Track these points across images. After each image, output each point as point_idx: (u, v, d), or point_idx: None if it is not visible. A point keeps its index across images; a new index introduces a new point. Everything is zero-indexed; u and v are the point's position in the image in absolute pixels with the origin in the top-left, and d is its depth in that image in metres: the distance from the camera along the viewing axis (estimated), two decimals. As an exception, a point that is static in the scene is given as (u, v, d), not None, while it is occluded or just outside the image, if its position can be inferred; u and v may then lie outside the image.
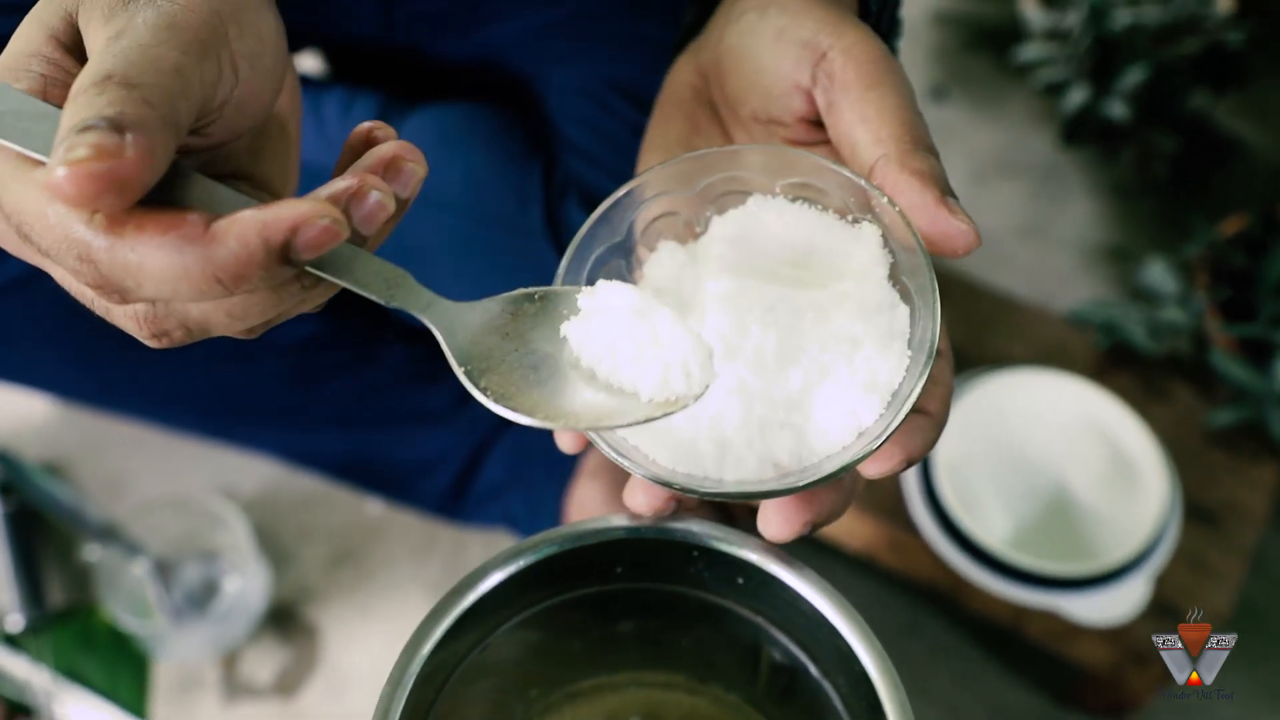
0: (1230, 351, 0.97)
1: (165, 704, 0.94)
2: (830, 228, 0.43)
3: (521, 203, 0.78)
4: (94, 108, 0.31)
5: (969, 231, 0.40)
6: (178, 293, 0.32)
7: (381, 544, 1.04)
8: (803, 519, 0.42)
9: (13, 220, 0.34)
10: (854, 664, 0.43)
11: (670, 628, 0.52)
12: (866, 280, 0.41)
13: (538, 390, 0.37)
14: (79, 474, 1.06)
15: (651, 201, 0.45)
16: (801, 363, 0.40)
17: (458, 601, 0.43)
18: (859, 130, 0.42)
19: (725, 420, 0.40)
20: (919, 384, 0.38)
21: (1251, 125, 1.34)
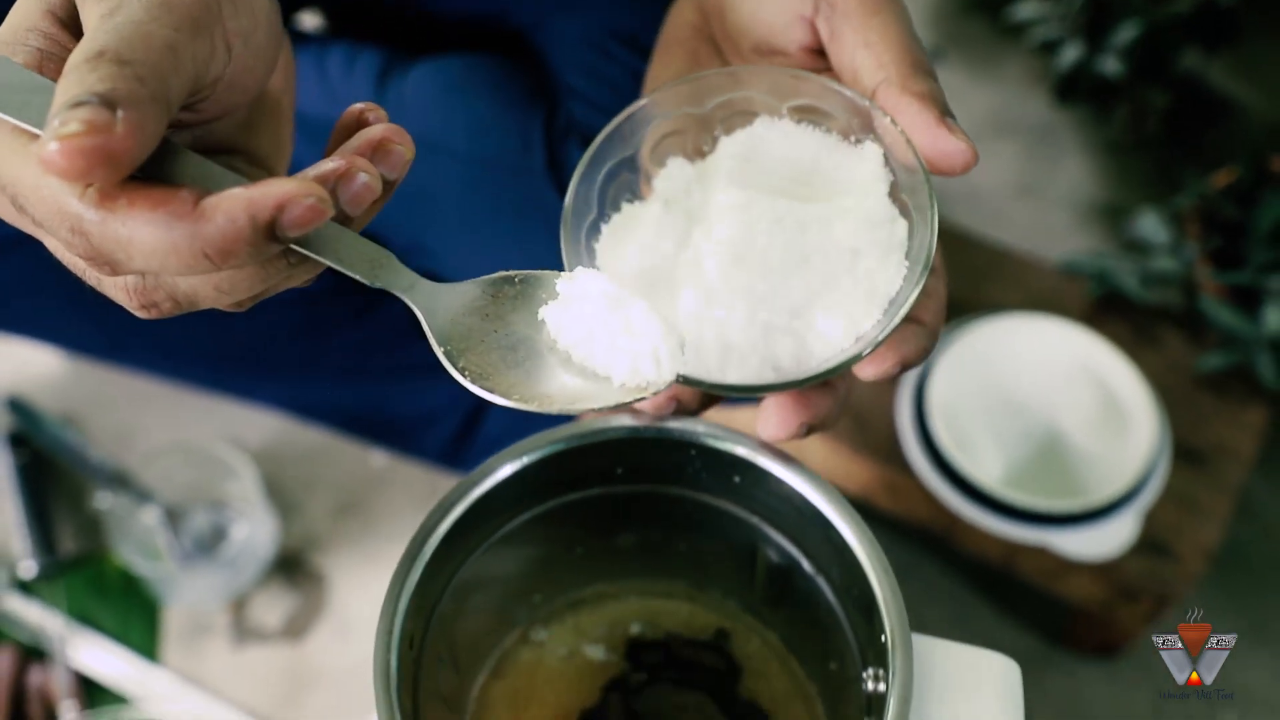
0: (1220, 298, 0.98)
1: (176, 647, 0.96)
2: (834, 148, 0.45)
3: (524, 147, 0.80)
4: (86, 84, 0.31)
5: (967, 150, 0.41)
6: (166, 266, 0.33)
7: (386, 494, 1.06)
8: (799, 419, 0.43)
9: (8, 191, 0.35)
10: (845, 554, 0.45)
11: (669, 536, 0.54)
12: (868, 196, 0.43)
13: (515, 371, 0.39)
14: (88, 427, 1.08)
15: (661, 119, 0.46)
16: (804, 272, 0.42)
17: (465, 494, 0.45)
18: (861, 56, 0.44)
19: (730, 323, 0.41)
20: (915, 292, 0.40)
21: (1243, 83, 1.35)
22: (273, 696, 0.94)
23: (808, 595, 0.50)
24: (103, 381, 1.10)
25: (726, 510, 0.50)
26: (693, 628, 0.56)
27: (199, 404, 1.08)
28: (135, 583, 0.98)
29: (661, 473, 0.49)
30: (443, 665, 0.48)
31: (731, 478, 0.48)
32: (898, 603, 0.42)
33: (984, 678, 0.42)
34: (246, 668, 0.95)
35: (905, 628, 0.42)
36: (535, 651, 0.55)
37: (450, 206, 0.83)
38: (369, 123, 0.38)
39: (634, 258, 0.43)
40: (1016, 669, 0.43)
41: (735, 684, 0.54)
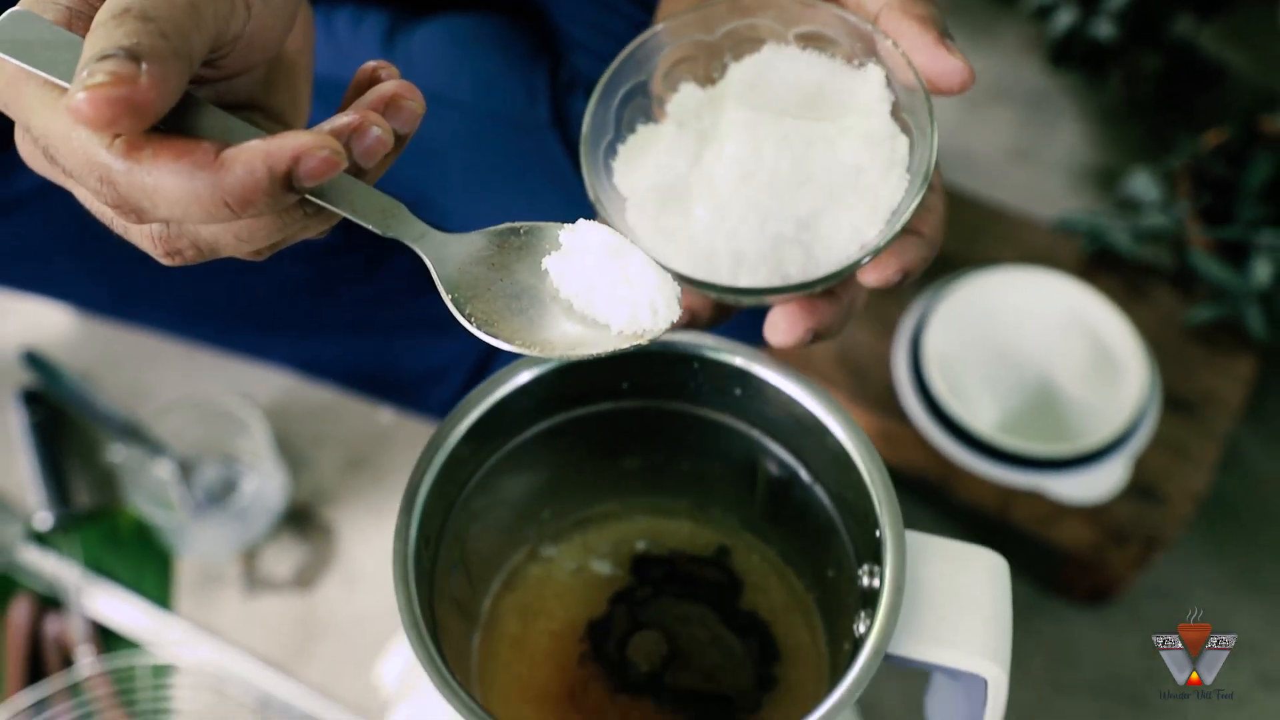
0: (1209, 252, 1.00)
1: (188, 596, 0.98)
2: (838, 71, 0.47)
3: (529, 100, 0.81)
4: (112, 39, 0.33)
5: (964, 68, 0.43)
6: (189, 214, 0.35)
7: (393, 450, 1.08)
8: (805, 325, 0.45)
9: (40, 142, 0.37)
10: (841, 457, 0.47)
11: (672, 455, 0.56)
12: (870, 115, 0.45)
13: (518, 318, 0.40)
14: (99, 384, 1.10)
15: (673, 47, 0.48)
16: (810, 186, 0.44)
17: (480, 402, 0.47)
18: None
19: (741, 235, 0.44)
20: (914, 203, 0.42)
21: (1234, 48, 1.37)
22: (282, 644, 0.96)
23: (806, 505, 0.52)
24: (113, 340, 1.13)
25: (727, 424, 0.52)
26: (695, 545, 0.58)
27: (209, 362, 1.10)
28: (149, 534, 1.00)
29: (665, 387, 0.51)
30: (457, 573, 0.51)
31: (732, 390, 0.50)
32: (891, 500, 0.45)
33: (973, 570, 0.44)
34: (257, 616, 0.97)
35: (899, 524, 0.44)
36: (544, 567, 0.57)
37: (456, 159, 0.85)
38: (381, 80, 0.40)
39: (649, 175, 0.45)
40: (1004, 563, 0.45)
41: (736, 597, 0.57)
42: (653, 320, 0.40)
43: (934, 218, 0.46)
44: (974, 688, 0.44)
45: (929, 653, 0.43)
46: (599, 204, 0.45)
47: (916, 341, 0.94)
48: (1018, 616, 0.96)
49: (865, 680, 0.41)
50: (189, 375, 1.10)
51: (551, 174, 0.81)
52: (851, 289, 0.47)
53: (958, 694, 0.47)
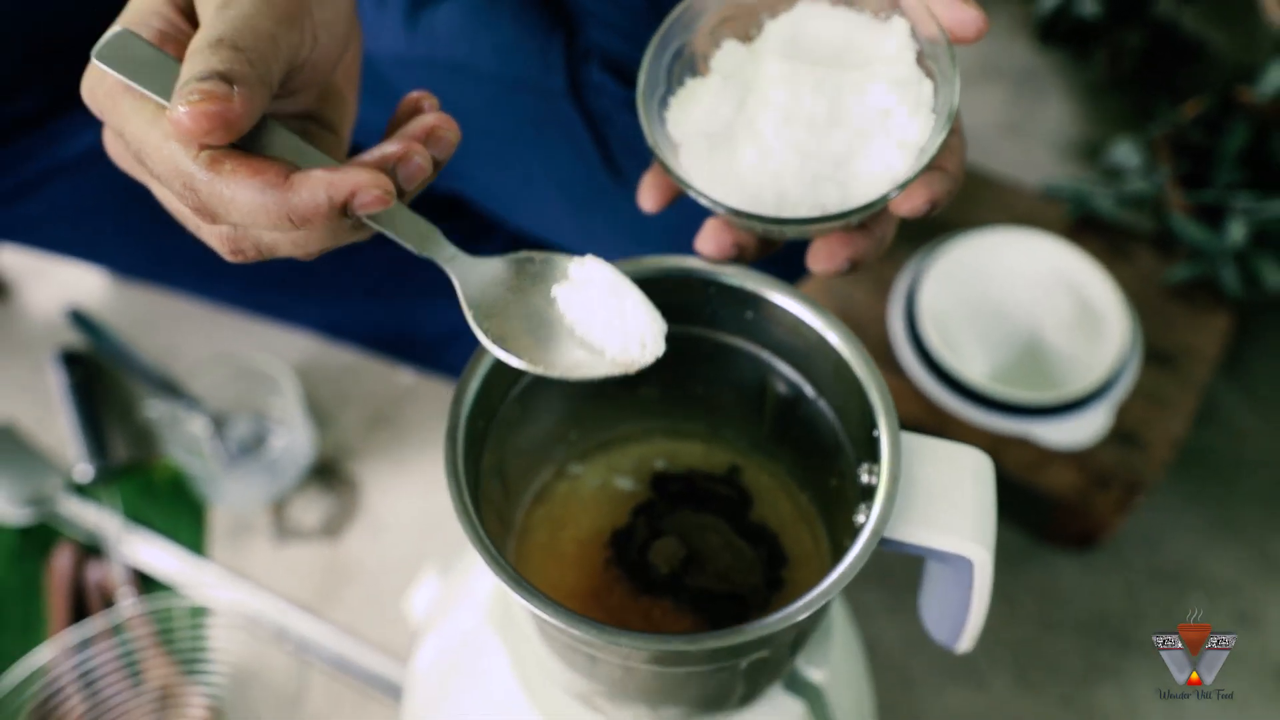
0: (1188, 215, 1.06)
1: (221, 544, 1.04)
2: (866, 25, 0.52)
3: (545, 68, 0.86)
4: (209, 63, 0.40)
5: (979, 17, 0.49)
6: (257, 222, 0.41)
7: (413, 407, 1.13)
8: (845, 254, 0.51)
9: (133, 147, 0.43)
10: (843, 369, 0.52)
11: (688, 380, 0.61)
12: (897, 63, 0.50)
13: (528, 337, 0.46)
14: (133, 344, 1.15)
15: (715, 8, 0.53)
16: (845, 128, 0.49)
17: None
18: None
19: (784, 174, 0.49)
20: (940, 140, 0.47)
21: (1214, 27, 1.43)
22: (311, 588, 1.01)
23: (811, 421, 0.57)
24: (144, 302, 1.18)
25: (739, 347, 0.58)
26: (710, 464, 0.64)
27: (237, 324, 1.15)
28: (183, 485, 1.06)
29: (683, 311, 0.56)
30: (495, 480, 0.56)
31: (744, 314, 0.55)
32: (887, 402, 0.50)
33: (961, 466, 0.50)
34: (286, 563, 1.03)
35: (895, 423, 0.49)
36: (571, 483, 0.63)
37: (479, 125, 0.90)
38: (424, 110, 0.46)
39: (699, 122, 0.51)
40: (988, 460, 0.51)
41: (747, 510, 0.62)
42: (640, 353, 0.47)
43: (956, 157, 0.51)
44: (962, 570, 0.50)
45: (921, 536, 0.48)
46: (656, 148, 0.50)
47: (911, 299, 1.00)
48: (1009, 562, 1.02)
49: (865, 558, 0.46)
50: (217, 337, 1.16)
51: (568, 138, 0.86)
52: (883, 222, 0.52)
53: (948, 582, 0.52)
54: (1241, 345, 1.16)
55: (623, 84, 0.81)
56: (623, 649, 0.46)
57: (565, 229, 0.88)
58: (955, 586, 0.51)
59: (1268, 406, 1.14)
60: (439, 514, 1.06)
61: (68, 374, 1.10)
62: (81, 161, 0.93)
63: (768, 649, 0.50)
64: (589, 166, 0.83)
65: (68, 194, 0.95)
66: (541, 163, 0.88)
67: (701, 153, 0.51)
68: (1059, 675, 0.98)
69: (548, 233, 0.91)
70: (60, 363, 1.11)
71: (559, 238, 0.90)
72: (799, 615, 0.45)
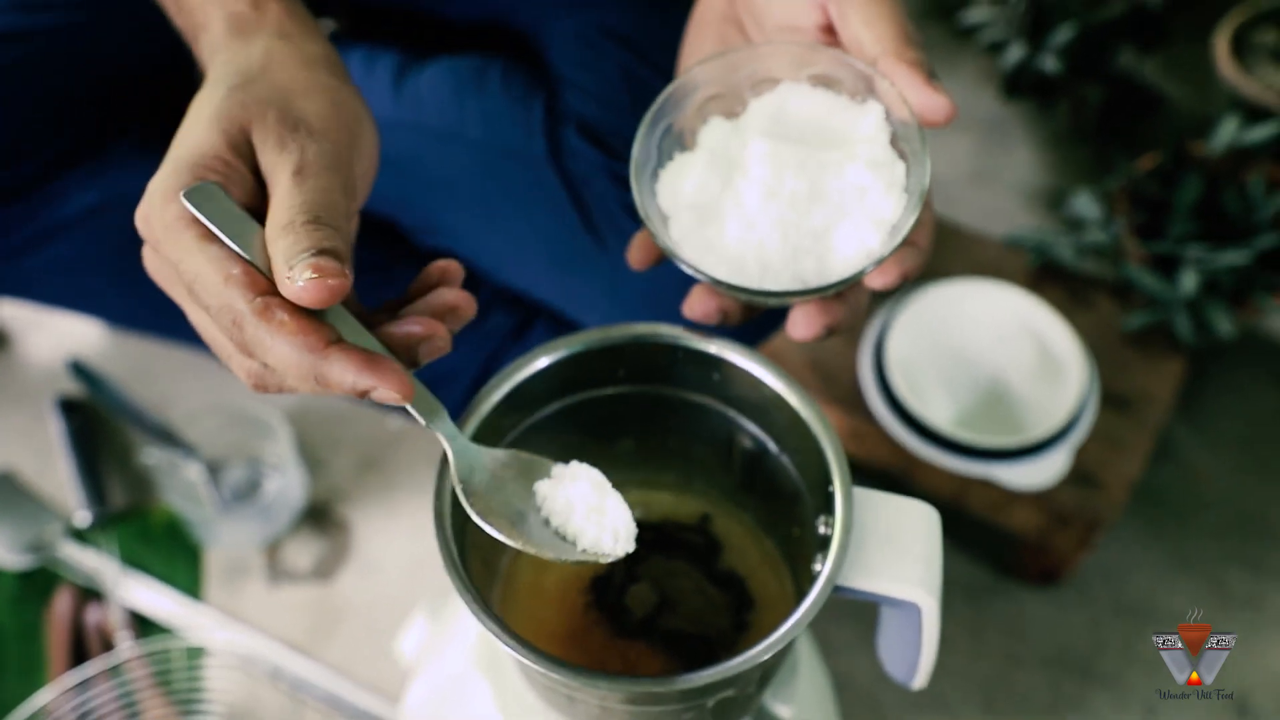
0: (1143, 265, 1.11)
1: (217, 586, 1.07)
2: (844, 106, 0.56)
3: (528, 135, 0.90)
4: (316, 240, 0.45)
5: (948, 104, 0.53)
6: (286, 373, 0.46)
7: (403, 452, 1.17)
8: (822, 322, 0.55)
9: (186, 278, 0.47)
10: (801, 427, 0.57)
11: (661, 434, 0.66)
12: (873, 144, 0.54)
13: (507, 518, 0.51)
14: (130, 393, 1.19)
15: (703, 88, 0.58)
16: (824, 204, 0.53)
17: (508, 380, 0.57)
18: (864, 32, 0.55)
19: (766, 247, 0.53)
20: (912, 219, 0.51)
21: (1172, 80, 1.49)
22: (304, 628, 1.05)
23: (774, 474, 0.62)
24: (143, 352, 1.22)
25: (707, 405, 0.62)
26: (681, 513, 0.68)
27: (231, 375, 1.19)
28: (179, 530, 1.09)
29: (654, 373, 0.60)
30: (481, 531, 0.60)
31: (710, 375, 0.60)
32: (841, 462, 0.54)
33: (910, 518, 0.54)
34: (280, 604, 1.06)
35: (848, 479, 0.54)
36: (553, 532, 0.67)
37: (464, 189, 0.94)
38: (449, 280, 0.52)
39: (687, 194, 0.54)
40: (935, 512, 0.55)
41: (716, 557, 0.66)
42: (612, 545, 0.51)
43: (926, 230, 0.55)
44: (911, 614, 0.54)
45: (872, 584, 0.52)
46: (647, 220, 0.54)
47: (880, 347, 1.04)
48: (975, 597, 1.06)
49: (820, 604, 0.50)
50: (212, 385, 1.19)
51: (549, 203, 0.90)
52: (858, 292, 0.56)
53: (900, 625, 0.57)
54: (1195, 388, 1.21)
55: (598, 149, 0.85)
56: (600, 690, 0.50)
57: (548, 288, 0.93)
58: (907, 629, 0.56)
59: (1220, 447, 1.19)
60: (427, 555, 1.09)
61: (66, 422, 1.14)
62: (81, 220, 0.96)
63: (734, 688, 0.54)
64: (569, 230, 0.87)
65: (67, 251, 0.98)
66: (525, 225, 0.92)
67: (689, 224, 0.54)
68: (1025, 707, 1.02)
69: (532, 290, 0.95)
70: (59, 411, 1.15)
71: (542, 295, 0.94)
72: (761, 657, 0.49)
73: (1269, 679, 1.03)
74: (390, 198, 1.00)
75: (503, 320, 1.05)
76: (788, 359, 1.07)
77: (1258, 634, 1.06)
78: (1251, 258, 1.08)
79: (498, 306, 1.05)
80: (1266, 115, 1.26)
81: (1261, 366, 1.25)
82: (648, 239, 0.59)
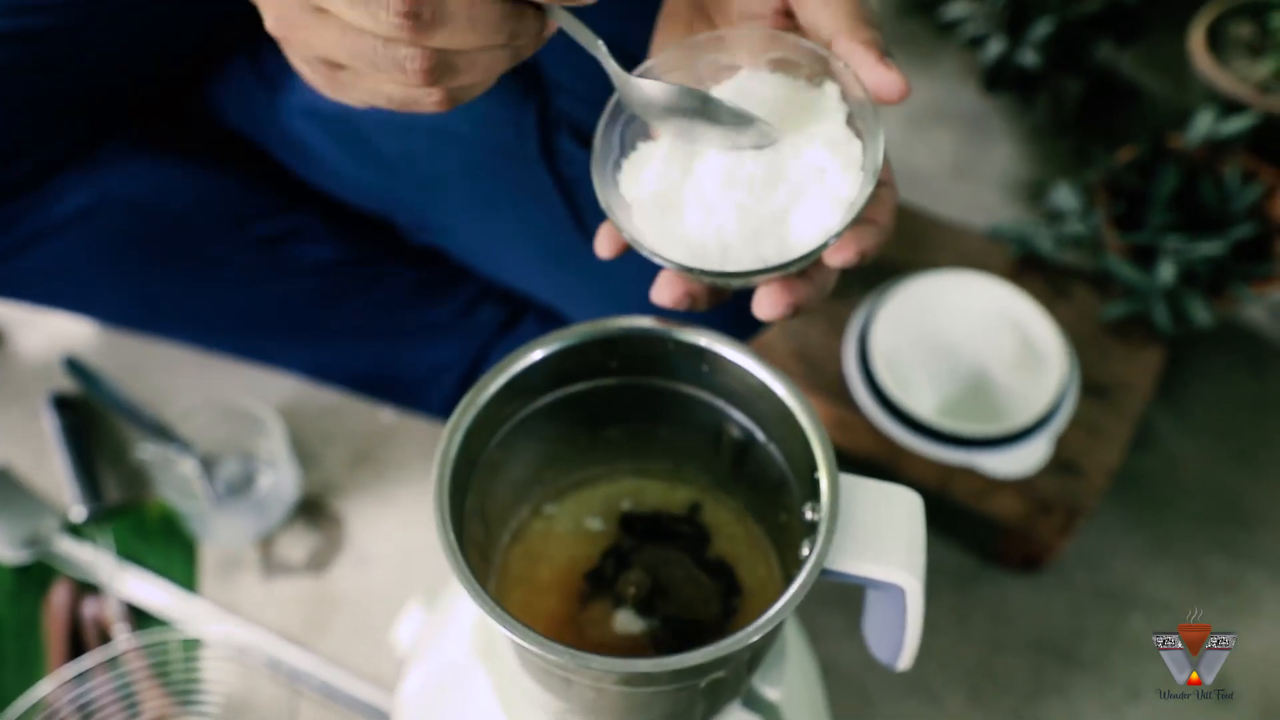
0: (1122, 256, 1.13)
1: (212, 580, 1.08)
2: (801, 89, 0.57)
3: (520, 135, 0.91)
4: None
5: (900, 81, 0.53)
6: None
7: (395, 446, 1.18)
8: (786, 300, 0.55)
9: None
10: (789, 417, 0.58)
11: (652, 424, 0.67)
12: (830, 124, 0.55)
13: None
14: (124, 389, 1.20)
15: (665, 76, 0.59)
16: (782, 186, 0.54)
17: (502, 373, 0.58)
18: (821, 15, 0.55)
19: (726, 229, 0.54)
20: (867, 192, 0.52)
21: (1149, 72, 1.51)
22: (299, 620, 1.06)
23: (762, 462, 0.63)
24: (136, 349, 1.23)
25: (696, 396, 0.64)
26: (672, 501, 0.70)
27: (224, 368, 1.20)
28: (174, 524, 1.10)
29: (645, 365, 0.62)
30: (477, 521, 0.62)
31: (700, 366, 0.61)
32: (827, 450, 0.56)
33: (894, 503, 0.56)
34: (275, 596, 1.08)
35: (834, 468, 0.55)
36: (546, 522, 0.69)
37: (457, 186, 0.95)
38: None
39: (649, 183, 0.55)
40: (918, 497, 0.57)
41: (706, 546, 0.68)
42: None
43: (885, 208, 0.55)
44: (896, 597, 0.56)
45: (858, 567, 0.54)
46: (609, 210, 0.55)
47: (864, 338, 1.06)
48: (959, 584, 1.08)
49: (806, 588, 0.52)
50: (206, 381, 1.21)
51: (542, 201, 0.91)
52: (822, 271, 0.57)
53: (885, 608, 0.58)
54: (1174, 377, 1.23)
55: (589, 152, 0.86)
56: (594, 672, 0.52)
57: (540, 284, 0.94)
58: (892, 612, 0.57)
59: (1199, 433, 1.21)
60: (420, 547, 1.11)
61: (60, 418, 1.15)
62: (74, 220, 0.97)
63: (725, 669, 0.56)
64: (561, 228, 0.88)
65: (60, 251, 0.99)
66: (517, 222, 0.93)
67: (651, 212, 0.55)
68: (1009, 692, 1.04)
69: (524, 286, 0.97)
70: (53, 407, 1.16)
71: (534, 291, 0.96)
72: (751, 638, 0.51)
73: (1247, 662, 1.05)
74: (384, 196, 1.01)
75: (493, 314, 1.07)
76: (774, 350, 1.09)
77: (1236, 618, 1.08)
78: (1227, 248, 1.10)
79: (487, 301, 1.07)
80: (1242, 107, 1.28)
81: (1238, 355, 1.28)
82: (613, 229, 0.59)
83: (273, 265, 1.04)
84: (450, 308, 1.08)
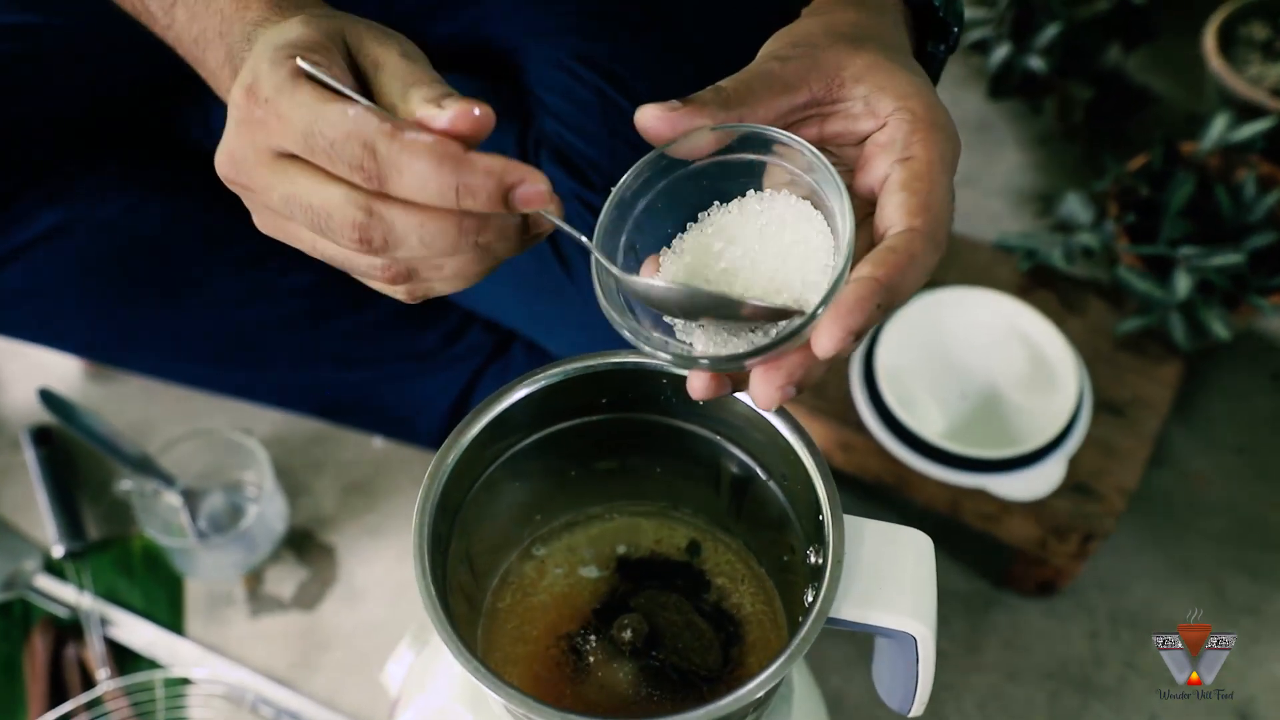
0: (1136, 268, 1.09)
1: (197, 617, 1.05)
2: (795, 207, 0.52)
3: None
4: (448, 89, 0.45)
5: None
6: (426, 189, 0.43)
7: (387, 474, 1.15)
8: (777, 382, 0.51)
9: (301, 126, 0.45)
10: (790, 455, 0.55)
11: (647, 461, 0.64)
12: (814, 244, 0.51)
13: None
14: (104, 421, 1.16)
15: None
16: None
17: (485, 412, 0.55)
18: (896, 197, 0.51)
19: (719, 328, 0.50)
20: (843, 266, 0.48)
21: (1159, 76, 1.47)
22: (288, 658, 1.02)
23: (763, 501, 0.60)
24: (113, 381, 1.19)
25: (695, 432, 0.60)
26: (669, 541, 0.66)
27: (208, 398, 1.17)
28: (159, 560, 1.07)
29: (639, 401, 0.59)
30: (463, 566, 0.58)
31: (695, 401, 0.58)
32: (831, 490, 0.52)
33: (902, 546, 0.52)
34: (263, 633, 1.04)
35: (838, 509, 0.52)
36: (537, 565, 0.65)
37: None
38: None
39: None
40: (928, 540, 0.53)
41: (705, 592, 0.64)
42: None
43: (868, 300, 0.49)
44: (906, 645, 0.52)
45: (865, 615, 0.50)
46: (634, 336, 0.50)
47: (870, 358, 1.02)
48: (972, 610, 1.04)
49: (811, 639, 0.48)
50: (188, 411, 1.17)
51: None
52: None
53: (895, 655, 0.55)
54: (1191, 393, 1.19)
55: (573, 178, 0.83)
56: (584, 734, 0.48)
57: (518, 316, 0.91)
58: (902, 658, 0.54)
59: (1218, 451, 1.17)
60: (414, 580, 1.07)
61: (38, 452, 1.12)
62: (40, 241, 0.94)
63: (725, 724, 0.52)
64: (541, 260, 0.85)
65: (27, 275, 0.95)
66: None
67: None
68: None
69: (502, 317, 0.94)
70: (31, 441, 1.12)
71: (512, 322, 0.93)
72: (753, 695, 0.47)
73: (1271, 685, 1.01)
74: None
75: (483, 339, 1.03)
76: (776, 371, 1.05)
77: (1259, 641, 1.04)
78: (1245, 258, 1.06)
79: (475, 326, 1.03)
80: (1257, 111, 1.24)
81: (1258, 368, 1.24)
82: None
83: (250, 287, 1.00)
84: (437, 334, 1.04)
